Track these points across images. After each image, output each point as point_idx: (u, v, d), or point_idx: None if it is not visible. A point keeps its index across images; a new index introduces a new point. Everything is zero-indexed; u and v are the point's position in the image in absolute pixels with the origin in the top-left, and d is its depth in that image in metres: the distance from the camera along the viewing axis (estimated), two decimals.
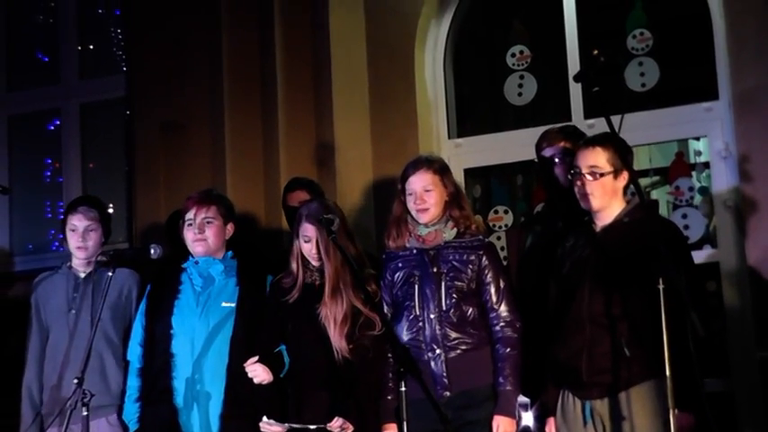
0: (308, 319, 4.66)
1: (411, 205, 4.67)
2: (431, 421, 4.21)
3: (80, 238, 5.25)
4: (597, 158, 4.32)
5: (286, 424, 4.53)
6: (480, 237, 4.68)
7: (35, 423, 5.17)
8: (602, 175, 4.30)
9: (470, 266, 4.60)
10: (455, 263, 4.60)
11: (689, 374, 4.01)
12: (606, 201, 4.33)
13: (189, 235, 4.98)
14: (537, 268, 4.67)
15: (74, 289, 5.23)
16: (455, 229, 4.66)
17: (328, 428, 4.48)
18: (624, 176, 4.35)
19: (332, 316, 4.62)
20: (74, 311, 5.18)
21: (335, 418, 4.49)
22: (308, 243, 4.73)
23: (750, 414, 5.50)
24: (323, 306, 4.65)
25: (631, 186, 4.38)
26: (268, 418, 4.53)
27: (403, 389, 3.94)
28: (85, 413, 4.41)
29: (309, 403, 4.61)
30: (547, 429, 4.45)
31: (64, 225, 5.32)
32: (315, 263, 4.74)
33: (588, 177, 4.31)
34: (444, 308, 4.55)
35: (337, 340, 4.60)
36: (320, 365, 4.61)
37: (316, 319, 4.64)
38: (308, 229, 4.73)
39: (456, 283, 4.58)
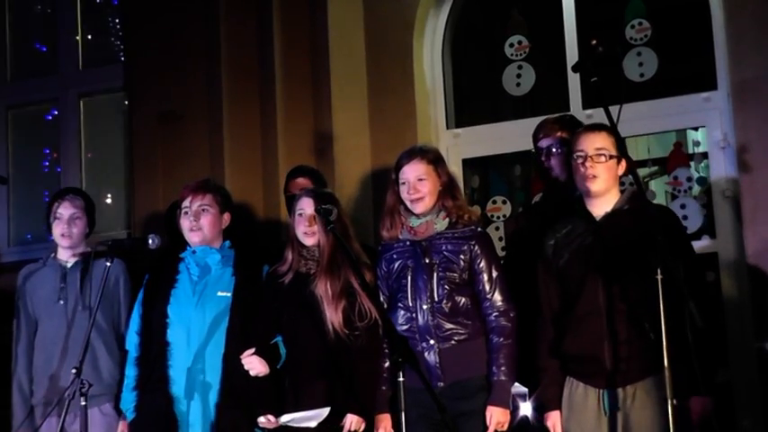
0: (303, 307, 4.66)
1: (404, 195, 4.67)
2: (426, 410, 4.23)
3: (65, 225, 5.27)
4: (604, 141, 4.33)
5: (284, 416, 4.55)
6: (472, 226, 4.67)
7: (27, 417, 5.17)
8: (610, 157, 4.30)
9: (462, 257, 4.60)
10: (447, 253, 4.60)
11: (704, 361, 4.00)
12: (609, 185, 4.34)
13: (185, 223, 4.99)
14: (525, 257, 4.66)
15: (61, 279, 5.24)
16: (447, 220, 4.66)
17: (342, 427, 4.50)
18: (623, 165, 4.36)
19: (327, 289, 4.62)
20: (62, 302, 5.19)
21: (347, 417, 4.51)
22: (302, 216, 4.72)
23: (748, 404, 5.50)
24: (318, 280, 4.65)
25: (622, 177, 4.39)
26: (265, 411, 4.56)
27: (401, 379, 3.94)
28: (83, 403, 4.42)
29: (307, 393, 4.61)
30: (549, 424, 4.43)
31: (48, 214, 5.33)
32: (309, 240, 4.73)
33: (597, 159, 4.30)
34: (436, 299, 4.55)
35: (332, 314, 4.59)
36: (317, 354, 4.61)
37: (311, 308, 4.64)
38: (304, 202, 4.73)
39: (448, 273, 4.57)
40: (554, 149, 4.90)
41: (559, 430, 4.38)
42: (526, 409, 4.88)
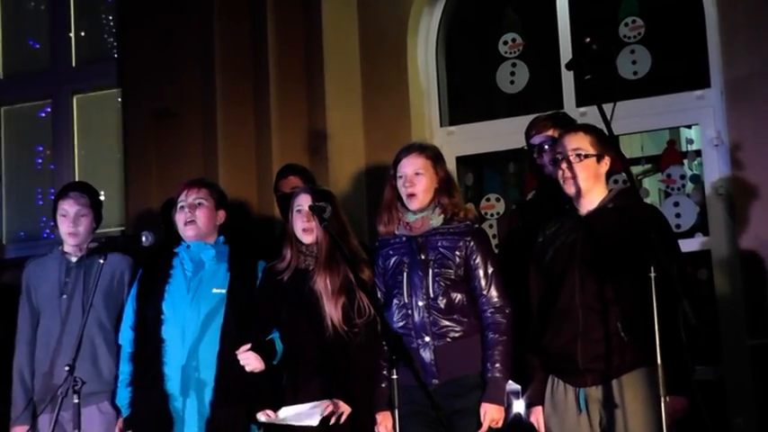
0: (302, 304, 4.66)
1: (401, 189, 4.67)
2: (422, 407, 4.23)
3: (71, 223, 5.23)
4: (580, 142, 4.35)
5: (282, 409, 4.57)
6: (468, 222, 4.67)
7: (27, 408, 5.16)
8: (586, 156, 4.32)
9: (458, 253, 4.59)
10: (442, 250, 4.59)
11: (681, 360, 4.02)
12: (590, 184, 4.34)
13: (180, 217, 4.98)
14: (520, 255, 4.67)
15: (65, 274, 5.21)
16: (442, 216, 4.66)
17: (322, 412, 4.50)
18: (606, 162, 4.38)
19: (327, 285, 4.62)
20: (65, 296, 5.17)
21: (338, 403, 4.52)
22: (300, 213, 4.73)
23: (740, 401, 5.52)
24: (317, 276, 4.65)
25: (615, 175, 4.39)
26: (262, 406, 4.57)
27: (395, 376, 3.94)
28: (76, 401, 4.41)
29: (305, 389, 4.60)
30: (533, 419, 4.45)
31: (54, 211, 5.31)
32: (308, 237, 4.73)
33: (573, 159, 4.32)
34: (432, 295, 4.55)
35: (331, 309, 4.59)
36: (316, 351, 4.60)
37: (311, 304, 4.63)
38: (302, 198, 4.73)
39: (444, 270, 4.57)
40: (546, 146, 4.90)
41: (542, 426, 4.40)
42: (519, 406, 4.89)
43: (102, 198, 5.52)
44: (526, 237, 4.70)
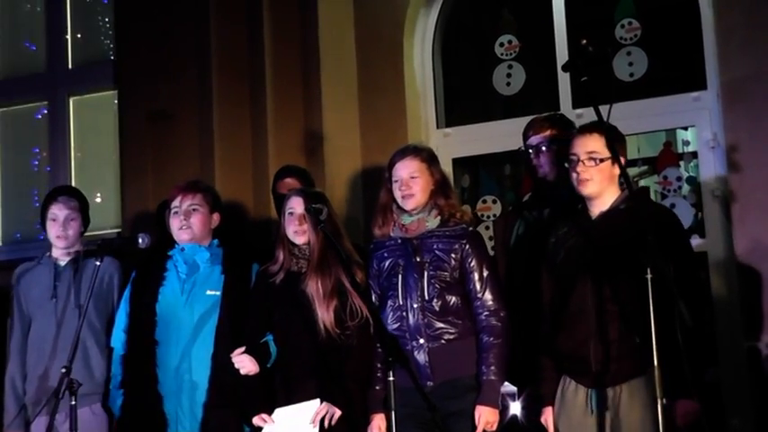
0: (295, 306, 4.66)
1: (397, 192, 4.68)
2: (416, 409, 4.23)
3: (60, 227, 5.26)
4: (596, 144, 4.30)
5: (276, 411, 4.57)
6: (464, 225, 4.68)
7: (20, 414, 5.17)
8: (601, 160, 4.29)
9: (453, 255, 4.59)
10: (438, 252, 4.60)
11: (690, 362, 3.99)
12: (604, 187, 4.32)
13: (174, 222, 4.99)
14: (527, 257, 4.66)
15: (55, 278, 5.23)
16: (438, 218, 4.66)
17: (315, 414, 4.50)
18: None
19: (318, 288, 4.62)
20: (56, 300, 5.18)
21: (322, 404, 4.51)
22: (292, 216, 4.72)
23: (737, 403, 5.52)
24: (309, 279, 4.65)
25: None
26: (257, 411, 4.57)
27: (391, 378, 3.95)
28: (73, 402, 4.41)
29: (298, 392, 4.61)
30: (543, 419, 4.44)
31: (43, 215, 5.33)
32: (300, 239, 4.73)
33: (588, 163, 4.30)
34: (427, 297, 4.55)
35: (323, 313, 4.59)
36: (308, 353, 4.60)
37: (303, 307, 4.63)
38: (294, 201, 4.74)
39: (439, 272, 4.57)
40: (543, 147, 4.90)
41: (551, 425, 4.39)
42: (515, 408, 4.88)
43: (98, 200, 5.51)
44: (528, 239, 4.70)
